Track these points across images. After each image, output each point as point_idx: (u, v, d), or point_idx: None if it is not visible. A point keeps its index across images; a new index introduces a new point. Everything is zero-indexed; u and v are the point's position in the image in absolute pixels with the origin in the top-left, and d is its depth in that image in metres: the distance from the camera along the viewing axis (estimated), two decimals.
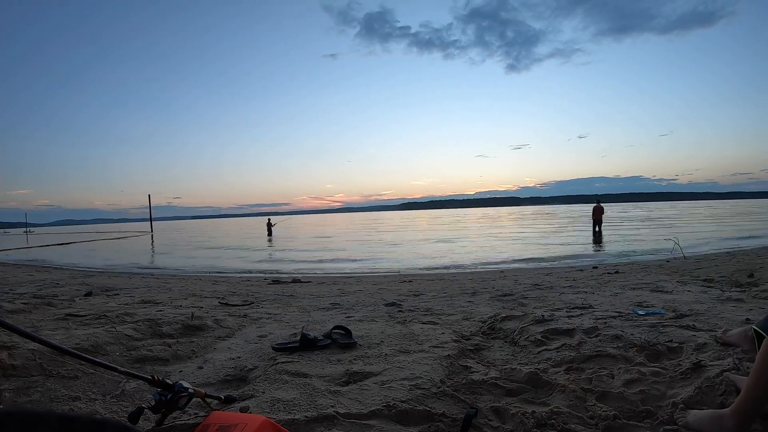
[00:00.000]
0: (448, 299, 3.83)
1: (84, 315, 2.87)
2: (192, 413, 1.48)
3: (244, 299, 4.16)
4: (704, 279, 4.29)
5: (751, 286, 3.60)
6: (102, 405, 1.58)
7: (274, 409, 1.42)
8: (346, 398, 1.51)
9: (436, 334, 2.33)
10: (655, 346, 1.85)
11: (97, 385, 1.77)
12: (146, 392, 1.69)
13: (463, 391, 1.55)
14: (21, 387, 1.68)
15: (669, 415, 1.33)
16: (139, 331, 2.42)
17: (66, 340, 2.13)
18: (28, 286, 5.37)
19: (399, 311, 3.24)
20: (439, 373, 1.72)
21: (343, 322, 2.72)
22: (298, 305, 3.77)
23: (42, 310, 3.22)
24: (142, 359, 2.08)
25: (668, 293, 3.29)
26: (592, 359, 1.81)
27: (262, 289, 5.24)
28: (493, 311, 2.95)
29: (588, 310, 2.70)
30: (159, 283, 6.15)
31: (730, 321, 2.22)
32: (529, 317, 2.51)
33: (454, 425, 1.33)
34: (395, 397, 1.49)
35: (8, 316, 2.92)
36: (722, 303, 2.78)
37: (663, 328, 2.11)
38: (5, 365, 1.79)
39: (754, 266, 5.09)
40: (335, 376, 1.76)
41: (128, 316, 2.80)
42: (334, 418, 1.34)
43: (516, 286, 4.63)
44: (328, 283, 6.13)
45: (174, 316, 2.78)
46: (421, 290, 4.62)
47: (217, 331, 2.62)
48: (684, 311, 2.52)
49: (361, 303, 3.77)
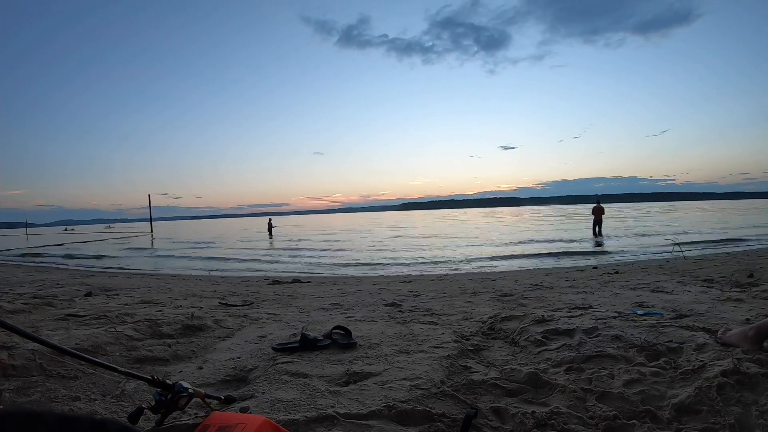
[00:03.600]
0: (448, 299, 3.83)
1: (84, 315, 2.87)
2: (192, 413, 1.48)
3: (244, 299, 4.16)
4: (704, 279, 4.28)
5: (751, 286, 3.60)
6: (102, 405, 1.58)
7: (274, 409, 1.42)
8: (346, 398, 1.51)
9: (436, 335, 2.33)
10: (655, 347, 1.85)
11: (96, 385, 1.77)
12: (146, 392, 1.68)
13: (463, 392, 1.55)
14: (21, 387, 1.68)
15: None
16: (139, 331, 2.42)
17: (66, 340, 2.13)
18: (28, 286, 5.37)
19: (399, 311, 3.24)
20: (439, 373, 1.72)
21: (343, 322, 2.72)
22: (298, 305, 3.77)
23: (42, 310, 3.22)
24: (142, 359, 2.08)
25: (668, 293, 3.29)
26: (592, 359, 1.81)
27: (262, 290, 5.24)
28: (493, 311, 2.95)
29: (588, 311, 2.70)
30: (159, 283, 6.15)
31: (730, 321, 2.22)
32: (529, 317, 2.51)
33: (454, 425, 1.33)
34: (395, 397, 1.49)
35: (8, 316, 2.92)
36: (722, 303, 2.78)
37: (663, 329, 2.11)
38: (5, 365, 1.79)
39: (754, 266, 5.09)
40: (335, 376, 1.76)
41: (128, 316, 2.80)
42: (334, 419, 1.34)
43: (516, 286, 4.63)
44: (328, 283, 6.13)
45: (174, 317, 2.78)
46: (421, 290, 4.62)
47: (217, 332, 2.62)
48: (684, 311, 2.52)
49: (361, 303, 3.77)
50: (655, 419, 1.33)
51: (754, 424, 1.23)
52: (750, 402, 1.32)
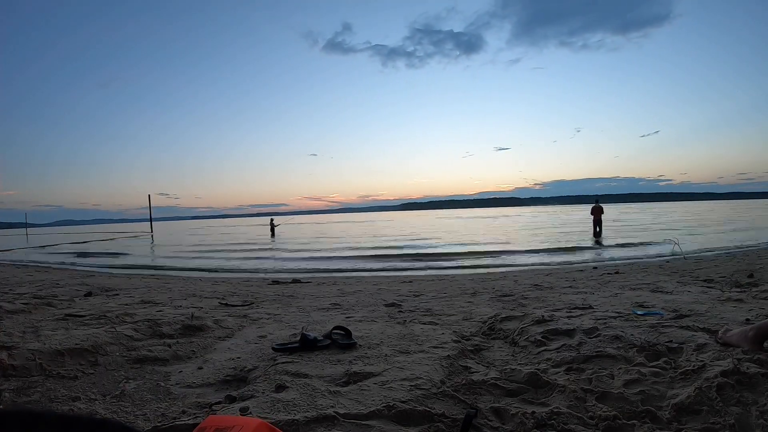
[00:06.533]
0: (448, 300, 3.83)
1: (84, 315, 2.87)
2: (191, 413, 1.48)
3: (244, 299, 4.16)
4: (704, 279, 4.28)
5: (751, 286, 3.60)
6: (102, 405, 1.58)
7: (274, 409, 1.42)
8: (346, 398, 1.51)
9: (436, 335, 2.33)
10: (655, 347, 1.85)
11: (96, 385, 1.78)
12: (146, 393, 1.69)
13: (463, 392, 1.55)
14: (21, 387, 1.69)
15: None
16: (139, 331, 2.42)
17: (66, 340, 2.13)
18: (28, 286, 5.37)
19: (399, 312, 3.24)
20: (439, 373, 1.72)
21: (343, 322, 2.72)
22: (298, 306, 3.77)
23: (42, 310, 3.22)
24: (142, 359, 2.08)
25: (668, 293, 3.29)
26: (592, 359, 1.81)
27: (262, 290, 5.24)
28: (493, 312, 2.95)
29: (588, 311, 2.70)
30: (159, 283, 6.15)
31: (730, 321, 2.22)
32: (529, 317, 2.51)
33: (454, 425, 1.33)
34: (395, 397, 1.49)
35: (8, 316, 2.92)
36: (722, 303, 2.78)
37: (663, 329, 2.11)
38: (5, 365, 1.79)
39: (754, 266, 5.09)
40: (335, 376, 1.76)
41: (128, 316, 2.80)
42: (334, 419, 1.34)
43: (516, 286, 4.63)
44: (327, 283, 6.13)
45: (174, 317, 2.78)
46: (420, 291, 4.62)
47: (217, 332, 2.62)
48: (684, 311, 2.52)
49: (361, 303, 3.77)
50: (655, 419, 1.33)
51: (754, 424, 1.23)
52: (750, 402, 1.32)
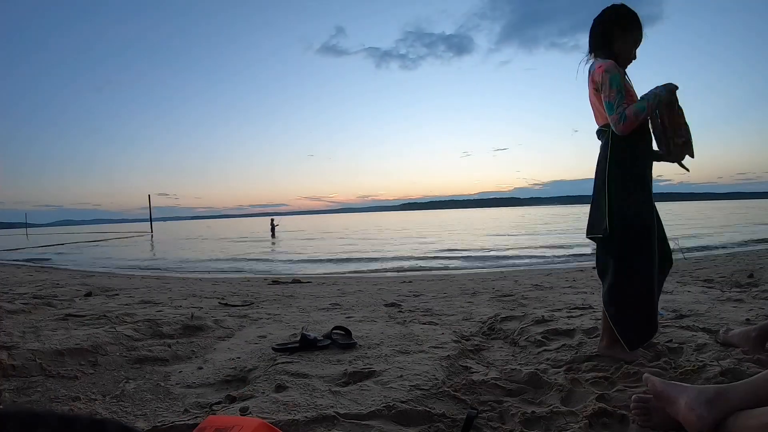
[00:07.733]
0: (448, 300, 3.83)
1: (84, 315, 2.87)
2: (191, 413, 1.48)
3: (244, 299, 4.16)
4: (704, 279, 4.28)
5: (751, 286, 3.60)
6: (102, 405, 1.58)
7: (274, 409, 1.42)
8: (345, 399, 1.51)
9: (436, 335, 2.33)
10: (655, 347, 1.85)
11: (96, 385, 1.77)
12: (146, 393, 1.69)
13: (462, 392, 1.55)
14: (21, 387, 1.68)
15: None
16: (139, 331, 2.42)
17: (66, 341, 2.13)
18: (28, 286, 5.36)
19: (399, 312, 3.24)
20: (439, 373, 1.72)
21: (343, 322, 2.72)
22: (298, 306, 3.76)
23: (42, 310, 3.22)
24: (142, 359, 2.08)
25: (668, 293, 3.29)
26: (592, 359, 1.81)
27: (262, 290, 5.24)
28: (493, 312, 2.95)
29: (588, 311, 2.70)
30: (159, 283, 6.15)
31: (731, 321, 2.22)
32: (529, 318, 2.51)
33: (454, 426, 1.33)
34: (395, 397, 1.49)
35: (8, 316, 2.92)
36: (722, 303, 2.78)
37: (663, 329, 2.11)
38: (5, 365, 1.79)
39: (754, 266, 5.09)
40: (335, 376, 1.76)
41: (128, 316, 2.80)
42: (334, 419, 1.34)
43: (516, 286, 4.63)
44: (328, 283, 6.13)
45: (174, 317, 2.78)
46: (420, 291, 4.62)
47: (217, 332, 2.62)
48: (684, 311, 2.52)
49: (361, 303, 3.77)
50: None
51: None
52: None
